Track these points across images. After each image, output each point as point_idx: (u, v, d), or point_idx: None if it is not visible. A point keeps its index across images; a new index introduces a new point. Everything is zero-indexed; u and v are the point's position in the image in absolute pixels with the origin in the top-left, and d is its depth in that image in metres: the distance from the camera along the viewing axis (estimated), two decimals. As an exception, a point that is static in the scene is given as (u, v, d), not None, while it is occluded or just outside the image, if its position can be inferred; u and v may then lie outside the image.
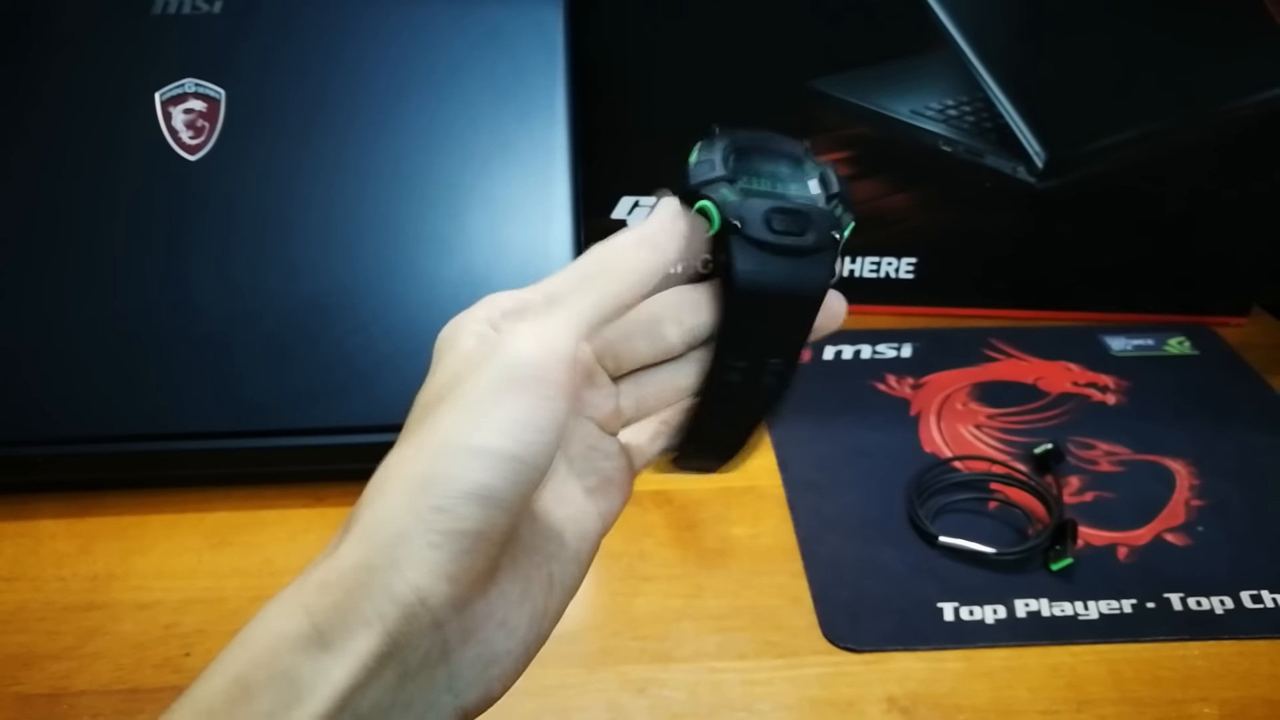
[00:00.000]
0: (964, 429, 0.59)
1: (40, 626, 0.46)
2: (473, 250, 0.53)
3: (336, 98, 0.55)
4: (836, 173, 0.29)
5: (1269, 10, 0.60)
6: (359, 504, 0.25)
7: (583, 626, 0.46)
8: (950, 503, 0.54)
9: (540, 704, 0.43)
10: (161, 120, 0.53)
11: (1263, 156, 0.65)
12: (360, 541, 0.24)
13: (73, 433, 0.51)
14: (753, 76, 0.63)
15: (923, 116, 0.64)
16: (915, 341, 0.68)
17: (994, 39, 0.62)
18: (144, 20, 0.55)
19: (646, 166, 0.67)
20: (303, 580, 0.24)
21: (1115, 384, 0.64)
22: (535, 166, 0.55)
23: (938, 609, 0.47)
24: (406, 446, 0.25)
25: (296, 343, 0.51)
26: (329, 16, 0.56)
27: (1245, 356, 0.67)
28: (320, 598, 0.23)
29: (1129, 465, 0.57)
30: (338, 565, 0.24)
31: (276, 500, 0.53)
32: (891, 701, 0.43)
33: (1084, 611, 0.47)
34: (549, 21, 0.57)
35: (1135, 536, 0.52)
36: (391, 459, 0.25)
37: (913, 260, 0.69)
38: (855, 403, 0.62)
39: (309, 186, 0.53)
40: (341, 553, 0.24)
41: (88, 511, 0.52)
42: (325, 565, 0.24)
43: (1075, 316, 0.71)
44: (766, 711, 0.43)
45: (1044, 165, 0.65)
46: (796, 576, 0.49)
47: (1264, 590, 0.48)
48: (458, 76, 0.56)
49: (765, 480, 0.55)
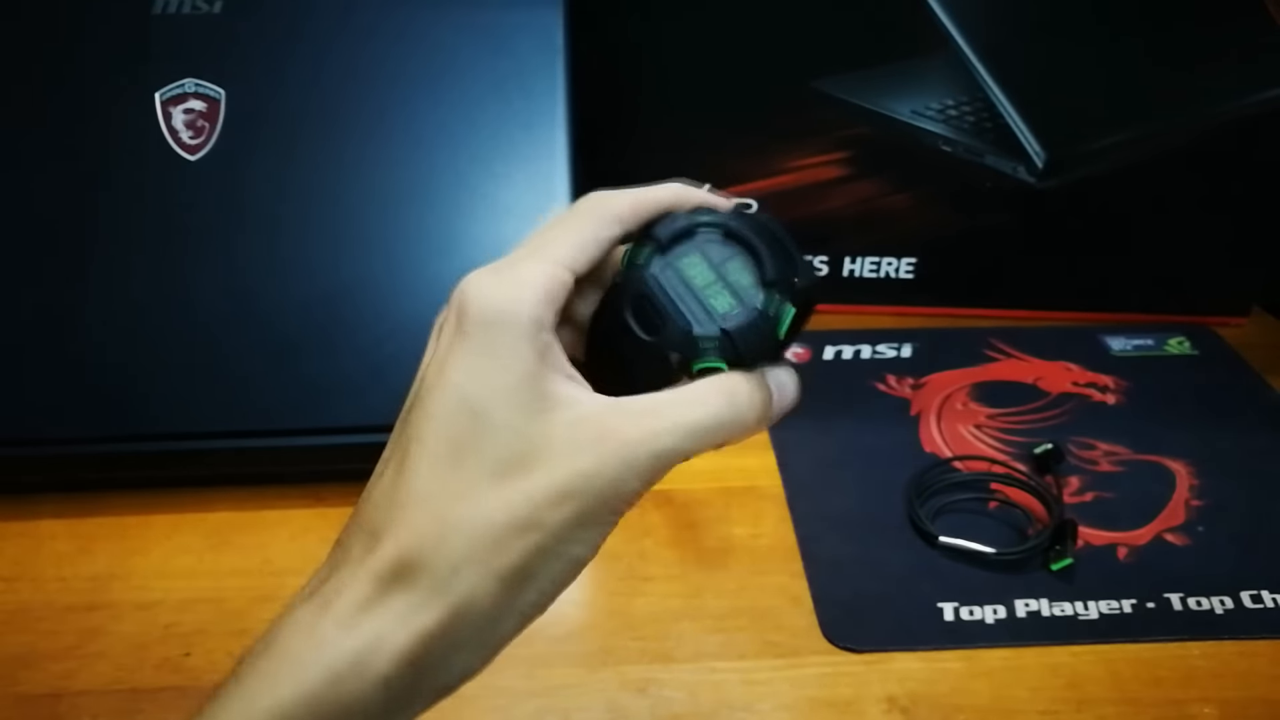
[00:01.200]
0: (964, 429, 0.59)
1: (40, 626, 0.46)
2: (473, 250, 0.53)
3: (337, 98, 0.55)
4: (805, 299, 0.29)
5: (1269, 10, 0.60)
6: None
7: (583, 626, 0.46)
8: (950, 503, 0.54)
9: (540, 704, 0.43)
10: (161, 120, 0.53)
11: (1263, 156, 0.65)
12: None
13: (73, 433, 0.51)
14: (753, 76, 0.63)
15: (923, 116, 0.64)
16: (915, 341, 0.68)
17: (994, 39, 0.62)
18: (144, 20, 0.55)
19: (647, 166, 0.67)
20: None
21: (1115, 384, 0.64)
22: (535, 166, 0.55)
23: (938, 609, 0.47)
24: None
25: (297, 343, 0.51)
26: (329, 17, 0.56)
27: (1245, 356, 0.67)
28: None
29: (1129, 465, 0.57)
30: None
31: (277, 500, 0.53)
32: (891, 701, 0.43)
33: (1084, 611, 0.47)
34: (549, 21, 0.57)
35: (1135, 536, 0.52)
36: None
37: (913, 260, 0.69)
38: (855, 403, 0.62)
39: (309, 187, 0.53)
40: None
41: (88, 511, 0.52)
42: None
43: (1075, 316, 0.71)
44: (766, 711, 0.43)
45: (1044, 165, 0.65)
46: (796, 576, 0.49)
47: (1264, 590, 0.48)
48: (458, 77, 0.56)
49: (765, 480, 0.55)
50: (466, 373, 0.27)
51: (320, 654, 0.25)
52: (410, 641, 0.25)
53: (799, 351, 0.67)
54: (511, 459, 0.26)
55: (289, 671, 0.25)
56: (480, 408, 0.26)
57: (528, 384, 0.27)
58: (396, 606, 0.25)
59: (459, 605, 0.25)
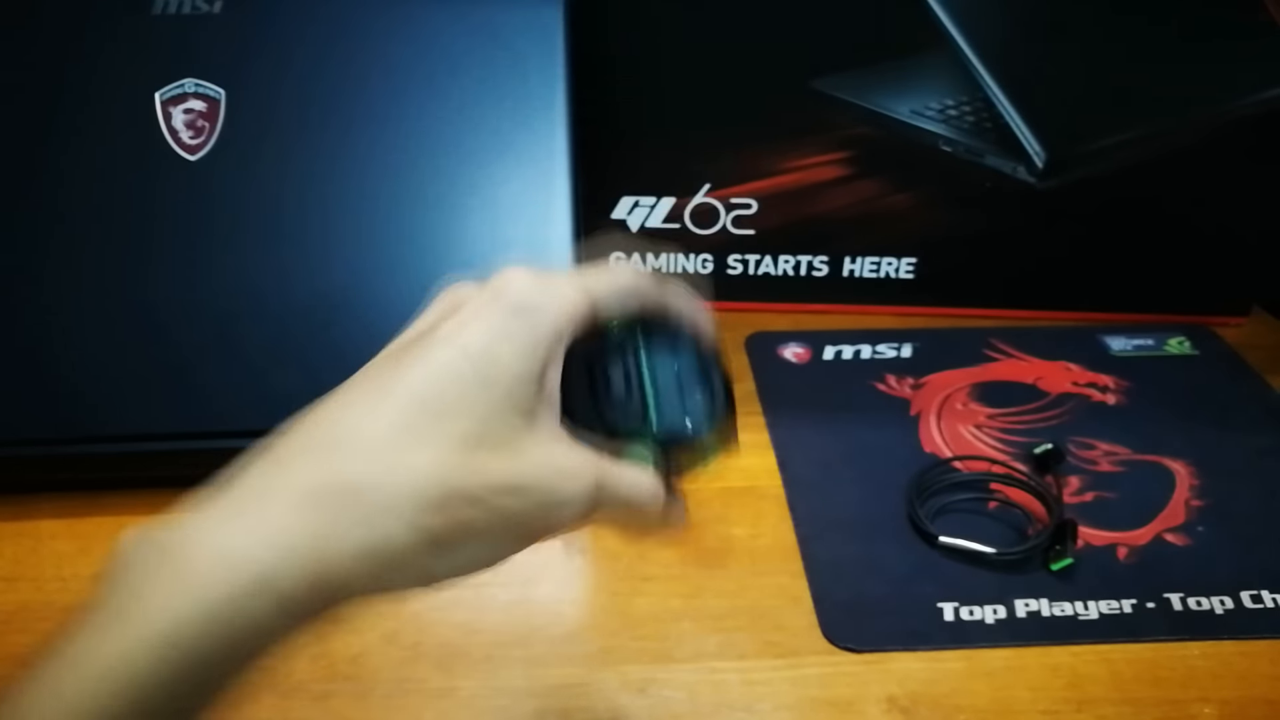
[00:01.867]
0: (964, 429, 0.59)
1: (40, 626, 0.46)
2: (472, 250, 0.53)
3: (336, 98, 0.55)
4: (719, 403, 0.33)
5: (1269, 10, 0.60)
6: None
7: (583, 626, 0.46)
8: (950, 503, 0.54)
9: (540, 704, 0.43)
10: (161, 120, 0.53)
11: (1263, 157, 0.65)
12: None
13: (73, 433, 0.51)
14: (753, 76, 0.63)
15: (923, 116, 0.64)
16: (915, 341, 0.68)
17: (994, 39, 0.62)
18: (144, 20, 0.55)
19: (646, 166, 0.67)
20: None
21: (1115, 384, 0.64)
22: (535, 166, 0.55)
23: (938, 609, 0.47)
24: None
25: (297, 343, 0.51)
26: (329, 17, 0.56)
27: (1245, 356, 0.67)
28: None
29: (1129, 465, 0.57)
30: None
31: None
32: (891, 701, 0.43)
33: (1084, 611, 0.47)
34: (549, 21, 0.57)
35: (1135, 536, 0.52)
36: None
37: (913, 260, 0.69)
38: (855, 403, 0.62)
39: (309, 186, 0.53)
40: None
41: (88, 511, 0.52)
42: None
43: (1075, 316, 0.71)
44: (766, 711, 0.43)
45: (1044, 165, 0.65)
46: (796, 576, 0.49)
47: (1264, 590, 0.48)
48: (458, 76, 0.56)
49: (765, 480, 0.55)
50: (486, 344, 0.27)
51: (225, 567, 0.25)
52: (318, 563, 0.25)
53: (799, 351, 0.67)
54: (487, 437, 0.27)
55: (186, 587, 0.24)
56: (483, 379, 0.27)
57: (532, 381, 0.28)
58: (318, 524, 0.25)
59: (376, 543, 0.26)
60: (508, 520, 0.27)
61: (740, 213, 0.68)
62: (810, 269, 0.70)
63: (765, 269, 0.70)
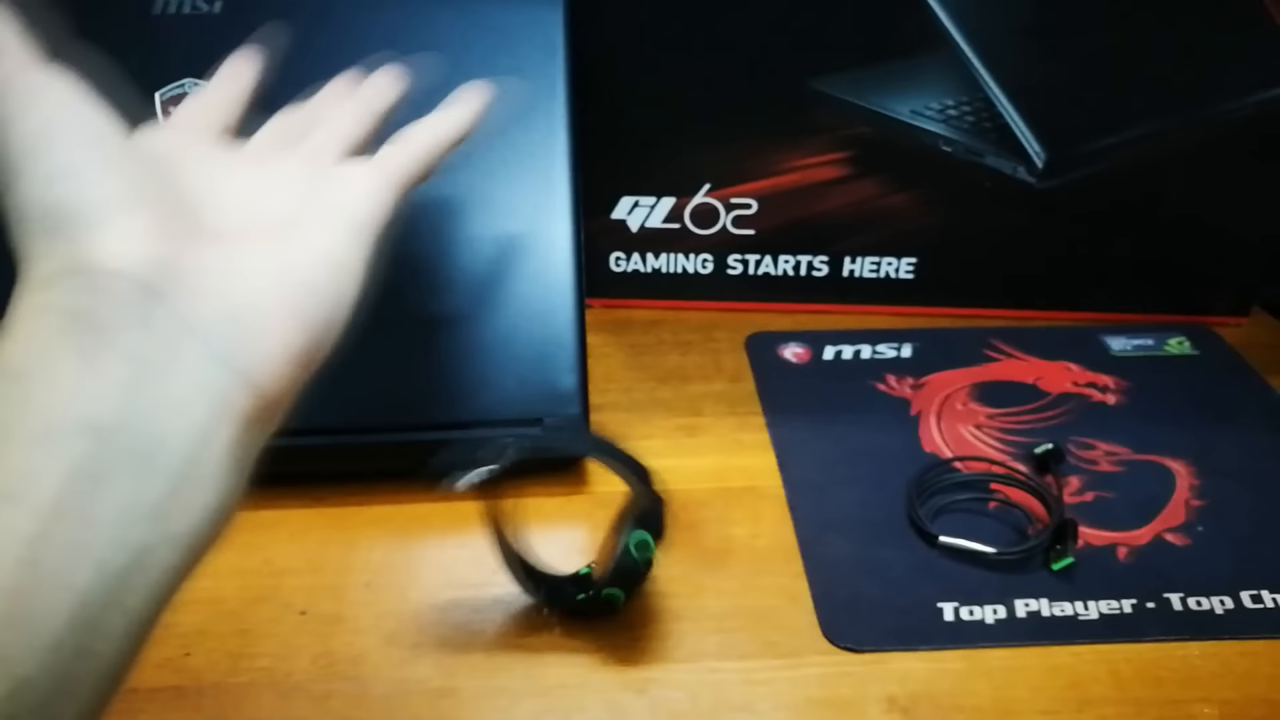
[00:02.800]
0: (964, 429, 0.59)
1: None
2: (472, 250, 0.53)
3: (336, 98, 0.54)
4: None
5: (1269, 10, 0.60)
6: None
7: (582, 626, 0.46)
8: (950, 503, 0.54)
9: (540, 704, 0.43)
10: (162, 120, 0.53)
11: (1263, 157, 0.65)
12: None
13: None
14: (752, 76, 0.63)
15: (923, 116, 0.64)
16: (915, 341, 0.68)
17: (994, 39, 0.62)
18: (144, 20, 0.55)
19: (646, 166, 0.67)
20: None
21: (1115, 384, 0.64)
22: (535, 166, 0.55)
23: (938, 609, 0.47)
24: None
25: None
26: (329, 17, 0.56)
27: (1245, 356, 0.67)
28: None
29: (1129, 465, 0.57)
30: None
31: (276, 500, 0.53)
32: (891, 701, 0.43)
33: (1084, 611, 0.47)
34: (549, 21, 0.57)
35: (1135, 536, 0.52)
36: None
37: (913, 260, 0.69)
38: (855, 403, 0.62)
39: (309, 186, 0.53)
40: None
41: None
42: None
43: (1075, 316, 0.71)
44: (766, 711, 0.43)
45: (1044, 165, 0.65)
46: (796, 576, 0.49)
47: (1264, 590, 0.48)
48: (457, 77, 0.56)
49: (765, 480, 0.55)
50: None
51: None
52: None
53: (799, 351, 0.67)
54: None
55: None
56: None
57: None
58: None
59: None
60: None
61: (740, 213, 0.68)
62: (810, 269, 0.70)
63: (765, 269, 0.70)
